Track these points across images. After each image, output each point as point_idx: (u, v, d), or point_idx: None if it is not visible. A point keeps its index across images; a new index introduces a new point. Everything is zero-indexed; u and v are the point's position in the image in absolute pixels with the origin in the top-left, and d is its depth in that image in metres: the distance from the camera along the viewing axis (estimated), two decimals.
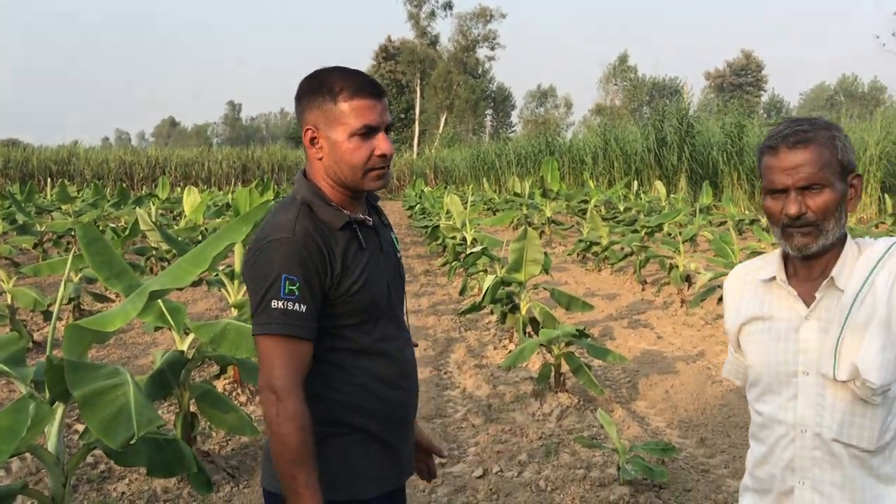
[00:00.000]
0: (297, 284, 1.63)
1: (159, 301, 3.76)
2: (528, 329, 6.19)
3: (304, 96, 1.76)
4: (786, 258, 1.69)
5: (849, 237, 1.64)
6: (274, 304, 1.63)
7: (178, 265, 2.39)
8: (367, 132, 1.71)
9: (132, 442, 2.03)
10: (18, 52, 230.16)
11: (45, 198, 18.24)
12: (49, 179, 28.53)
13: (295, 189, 1.81)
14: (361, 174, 1.74)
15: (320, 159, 1.75)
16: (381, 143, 1.73)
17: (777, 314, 1.66)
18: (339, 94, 1.70)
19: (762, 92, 69.49)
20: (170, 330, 3.97)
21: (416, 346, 2.02)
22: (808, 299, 1.62)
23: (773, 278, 1.68)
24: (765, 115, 35.84)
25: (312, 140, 1.75)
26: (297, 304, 1.63)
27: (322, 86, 1.72)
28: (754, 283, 1.73)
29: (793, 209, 1.55)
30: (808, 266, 1.64)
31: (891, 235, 7.95)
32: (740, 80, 68.33)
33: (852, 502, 1.59)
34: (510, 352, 5.79)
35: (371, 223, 1.83)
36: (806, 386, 1.60)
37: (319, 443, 1.69)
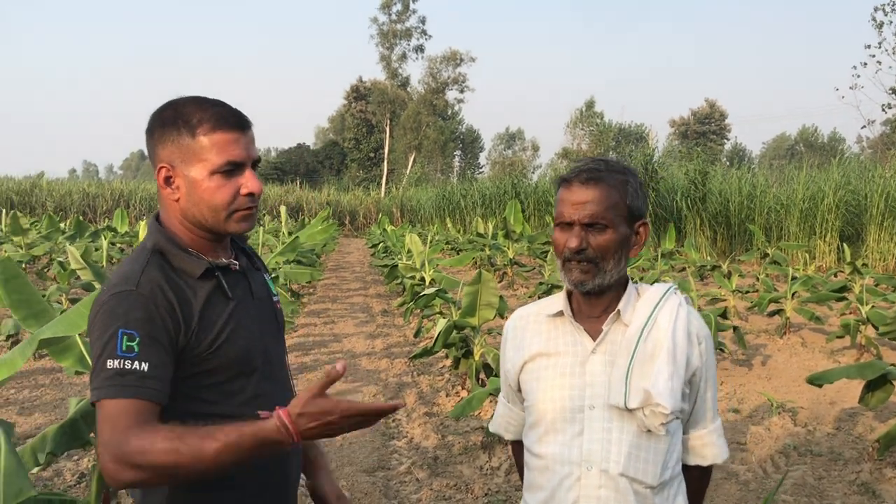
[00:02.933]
0: (137, 340, 1.39)
1: (80, 344, 3.53)
2: (482, 375, 5.99)
3: (157, 130, 1.53)
4: (570, 296, 1.70)
5: (629, 280, 1.69)
6: (109, 363, 1.37)
7: (76, 310, 2.20)
8: (232, 169, 1.51)
9: None
10: None
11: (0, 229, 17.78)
12: (11, 210, 27.88)
13: (146, 236, 1.58)
14: (225, 216, 1.53)
15: (177, 200, 1.54)
16: (248, 181, 1.53)
17: (563, 349, 1.66)
18: (197, 127, 1.49)
19: (725, 140, 70.79)
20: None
21: None
22: (593, 334, 1.65)
23: (561, 313, 1.69)
24: (727, 163, 36.43)
25: (167, 179, 1.53)
26: (136, 363, 1.37)
27: (177, 118, 1.51)
28: (538, 320, 1.73)
29: (573, 243, 1.58)
30: (592, 303, 1.67)
31: (847, 284, 7.78)
32: (704, 128, 69.61)
33: None
34: (461, 399, 5.58)
35: (237, 267, 1.63)
36: (592, 420, 1.59)
37: None
